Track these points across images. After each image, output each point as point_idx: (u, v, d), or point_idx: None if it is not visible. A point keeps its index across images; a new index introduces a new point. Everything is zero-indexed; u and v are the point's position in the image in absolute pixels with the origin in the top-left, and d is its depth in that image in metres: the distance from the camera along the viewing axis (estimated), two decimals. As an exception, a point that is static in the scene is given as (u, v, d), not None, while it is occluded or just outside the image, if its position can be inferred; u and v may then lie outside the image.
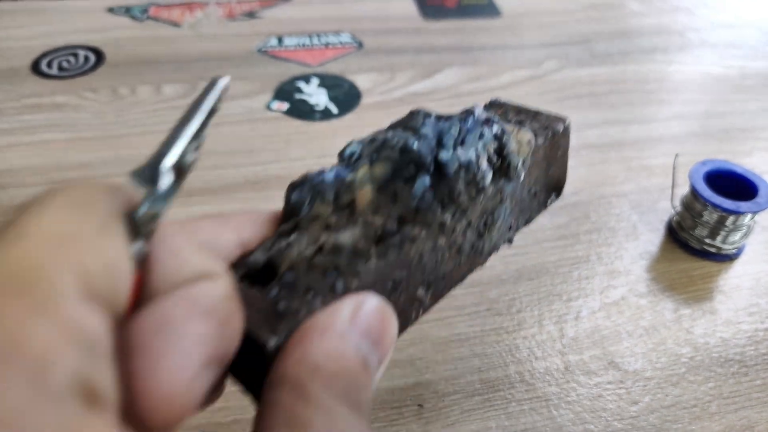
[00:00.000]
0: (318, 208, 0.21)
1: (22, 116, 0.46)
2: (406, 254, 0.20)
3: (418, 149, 0.21)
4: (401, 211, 0.21)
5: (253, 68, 0.53)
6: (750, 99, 0.53)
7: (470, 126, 0.22)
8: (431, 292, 0.22)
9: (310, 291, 0.18)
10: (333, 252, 0.19)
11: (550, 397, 0.29)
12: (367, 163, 0.21)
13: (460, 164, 0.21)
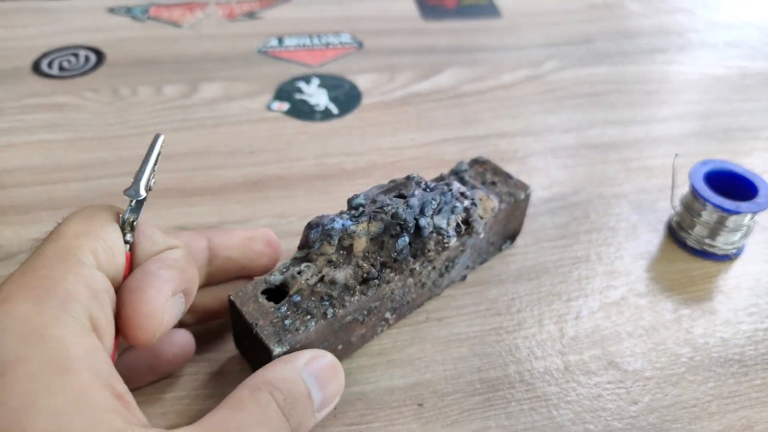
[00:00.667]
0: (325, 247, 0.27)
1: (23, 116, 0.46)
2: (381, 292, 0.28)
3: (404, 217, 0.28)
4: (384, 259, 0.28)
5: (253, 68, 0.53)
6: (750, 99, 0.53)
7: (447, 199, 0.30)
8: (396, 315, 0.31)
9: (308, 314, 0.26)
10: (330, 284, 0.27)
11: (549, 396, 0.29)
12: (366, 219, 0.28)
13: (433, 229, 0.28)
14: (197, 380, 0.29)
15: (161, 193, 0.40)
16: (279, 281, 0.27)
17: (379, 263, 0.28)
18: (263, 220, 0.38)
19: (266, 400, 0.22)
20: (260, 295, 0.27)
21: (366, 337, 0.30)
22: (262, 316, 0.26)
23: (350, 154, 0.44)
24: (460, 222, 0.30)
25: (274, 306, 0.26)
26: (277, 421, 0.22)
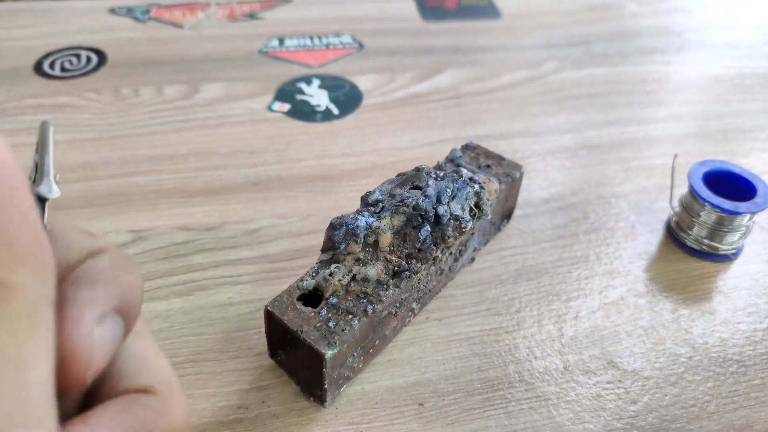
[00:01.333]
0: (352, 246, 0.28)
1: (25, 116, 0.47)
2: (411, 283, 0.29)
3: (425, 207, 0.29)
4: (409, 250, 0.29)
5: (254, 69, 0.54)
6: (748, 99, 0.53)
7: (459, 185, 0.30)
8: (420, 304, 0.32)
9: (349, 314, 0.27)
10: (363, 281, 0.28)
11: (549, 396, 0.29)
12: (389, 214, 0.29)
13: (450, 216, 0.29)
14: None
15: (162, 193, 0.40)
16: (312, 286, 0.27)
17: (404, 255, 0.29)
18: (264, 221, 0.38)
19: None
20: (297, 302, 0.27)
21: (397, 329, 0.31)
22: (305, 322, 0.26)
23: (351, 155, 0.44)
24: (473, 206, 0.31)
25: (313, 311, 0.27)
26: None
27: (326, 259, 0.28)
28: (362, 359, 0.29)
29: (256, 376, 0.29)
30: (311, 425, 0.27)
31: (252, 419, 0.28)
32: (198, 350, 0.30)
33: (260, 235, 0.37)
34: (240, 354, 0.30)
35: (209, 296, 0.33)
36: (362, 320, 0.26)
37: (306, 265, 0.35)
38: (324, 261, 0.28)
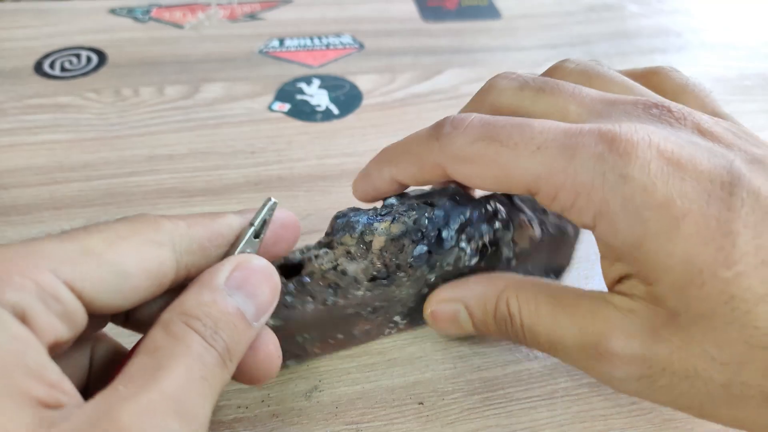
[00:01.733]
0: (346, 238, 0.27)
1: (25, 116, 0.47)
2: (389, 293, 0.28)
3: (426, 225, 0.27)
4: (400, 262, 0.27)
5: (254, 69, 0.54)
6: (749, 100, 0.53)
7: (476, 217, 0.28)
8: (407, 320, 0.31)
9: (310, 296, 0.27)
10: (341, 274, 0.27)
11: (550, 395, 0.29)
12: (390, 219, 0.28)
13: (455, 244, 0.27)
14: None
15: (162, 193, 0.40)
16: (297, 260, 0.28)
17: (394, 265, 0.27)
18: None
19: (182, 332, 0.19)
20: (278, 268, 0.26)
21: (371, 335, 0.31)
22: None
23: (351, 155, 0.44)
24: (487, 243, 0.28)
25: (283, 281, 0.27)
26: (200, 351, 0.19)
27: (323, 243, 0.28)
28: (318, 345, 0.29)
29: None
30: (311, 425, 0.27)
31: (252, 419, 0.28)
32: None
33: (260, 234, 0.37)
34: None
35: (209, 296, 0.33)
36: (318, 307, 0.26)
37: (306, 264, 0.35)
38: (321, 243, 0.28)
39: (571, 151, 0.22)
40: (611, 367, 0.23)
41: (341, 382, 0.29)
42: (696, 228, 0.20)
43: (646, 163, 0.21)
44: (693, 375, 0.21)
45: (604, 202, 0.22)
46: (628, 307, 0.23)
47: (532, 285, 0.26)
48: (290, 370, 0.30)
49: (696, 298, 0.21)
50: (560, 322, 0.24)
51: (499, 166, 0.24)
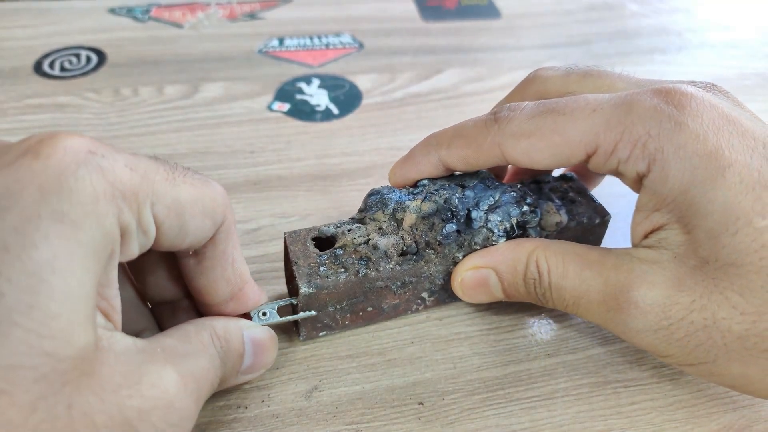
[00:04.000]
0: (378, 214, 0.29)
1: (25, 116, 0.47)
2: (418, 269, 0.29)
3: (456, 205, 0.29)
4: (430, 239, 0.29)
5: (254, 69, 0.54)
6: (748, 100, 0.52)
7: (506, 199, 0.29)
8: (434, 298, 0.32)
9: (343, 267, 0.28)
10: (372, 248, 0.29)
11: (550, 395, 0.29)
12: (421, 198, 0.29)
13: (484, 224, 0.29)
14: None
15: (162, 193, 0.40)
16: (330, 233, 0.30)
17: (423, 242, 0.29)
18: (264, 220, 0.38)
19: (208, 342, 0.23)
20: (310, 241, 0.29)
21: (399, 310, 0.31)
22: (304, 258, 0.29)
23: (351, 154, 0.44)
24: (515, 225, 0.29)
25: (317, 252, 0.29)
26: (215, 363, 0.23)
27: (356, 218, 0.30)
28: (348, 317, 0.30)
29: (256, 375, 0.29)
30: (311, 425, 0.27)
31: (252, 419, 0.28)
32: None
33: (260, 234, 0.37)
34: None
35: (209, 296, 0.33)
36: (349, 278, 0.28)
37: (306, 264, 0.35)
38: (354, 219, 0.30)
39: (627, 107, 0.24)
40: (630, 318, 0.24)
41: (341, 382, 0.29)
42: (739, 178, 0.22)
43: (699, 113, 0.23)
44: (711, 325, 0.22)
45: (659, 149, 0.23)
46: (653, 259, 0.24)
47: (560, 245, 0.27)
48: (290, 371, 0.30)
49: (728, 245, 0.22)
50: (586, 277, 0.25)
51: (557, 133, 0.25)
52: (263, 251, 0.36)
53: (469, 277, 0.29)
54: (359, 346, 0.31)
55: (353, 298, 0.29)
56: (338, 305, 0.29)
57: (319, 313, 0.29)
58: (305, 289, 0.28)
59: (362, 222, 0.30)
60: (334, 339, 0.31)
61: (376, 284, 0.29)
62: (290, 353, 0.30)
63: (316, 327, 0.30)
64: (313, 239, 0.30)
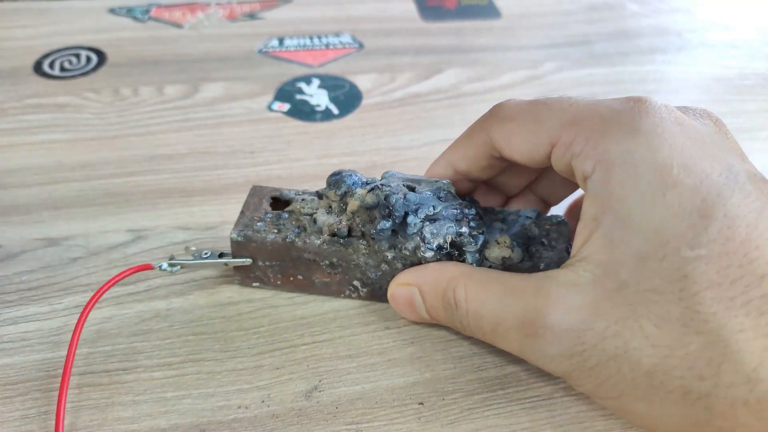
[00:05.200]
0: (331, 193, 0.30)
1: (24, 116, 0.47)
2: (346, 254, 0.30)
3: (393, 204, 0.28)
4: (366, 230, 0.29)
5: (254, 69, 0.54)
6: (748, 99, 0.53)
7: (447, 214, 0.29)
8: (367, 290, 0.32)
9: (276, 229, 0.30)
10: (312, 221, 0.30)
11: (550, 395, 0.29)
12: (368, 189, 0.29)
13: (418, 231, 0.28)
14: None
15: (162, 193, 0.40)
16: (288, 197, 0.32)
17: (360, 231, 0.30)
18: (264, 220, 0.38)
19: None
20: (268, 198, 0.32)
21: (332, 289, 0.32)
22: (252, 210, 0.32)
23: (351, 154, 0.44)
24: (448, 243, 0.28)
25: (267, 209, 0.31)
26: None
27: (318, 192, 0.31)
28: (279, 278, 0.32)
29: (256, 376, 0.29)
30: (311, 425, 0.27)
31: (251, 419, 0.28)
32: (198, 350, 0.30)
33: (260, 234, 0.37)
34: (240, 354, 0.30)
35: (209, 296, 0.33)
36: (277, 240, 0.30)
37: (306, 264, 0.35)
38: (317, 192, 0.32)
39: (595, 106, 0.24)
40: (546, 343, 0.23)
41: (341, 382, 0.29)
42: (680, 200, 0.21)
43: (660, 125, 0.22)
44: (622, 355, 0.21)
45: (607, 150, 0.23)
46: (572, 281, 0.23)
47: (483, 273, 0.27)
48: (290, 371, 0.30)
49: (652, 270, 0.21)
50: (506, 304, 0.25)
51: (535, 120, 0.26)
52: (263, 251, 0.36)
53: (398, 292, 0.29)
54: (359, 346, 0.31)
55: (282, 261, 0.31)
56: (268, 262, 0.31)
57: (252, 265, 0.31)
58: (233, 236, 0.30)
59: (320, 197, 0.31)
60: (334, 340, 0.31)
61: (304, 255, 0.30)
62: (290, 353, 0.30)
63: (249, 276, 0.33)
64: (272, 197, 0.32)
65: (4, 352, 0.30)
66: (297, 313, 0.32)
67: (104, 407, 0.28)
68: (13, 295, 0.33)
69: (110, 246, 0.36)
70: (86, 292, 0.33)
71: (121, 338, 0.31)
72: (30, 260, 0.35)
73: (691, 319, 0.20)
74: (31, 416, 0.27)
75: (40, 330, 0.31)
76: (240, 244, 0.31)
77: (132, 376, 0.29)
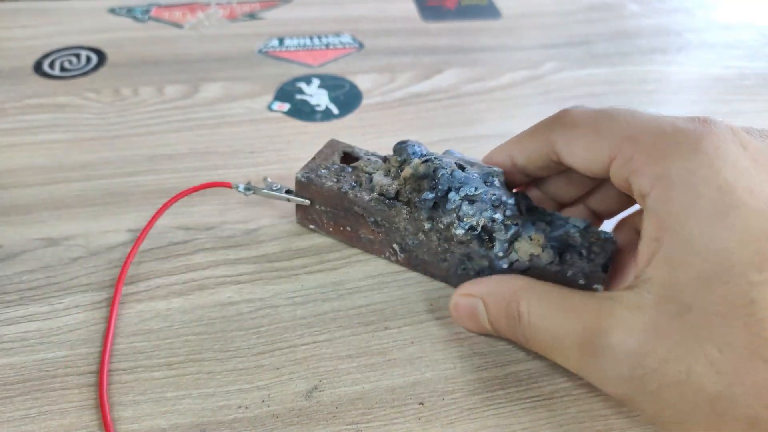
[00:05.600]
0: (393, 159, 0.33)
1: (25, 116, 0.47)
2: (389, 215, 0.32)
3: (438, 177, 0.30)
4: (411, 197, 0.31)
5: (254, 69, 0.54)
6: (748, 100, 0.53)
7: (485, 198, 0.30)
8: (405, 255, 0.34)
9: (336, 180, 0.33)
10: (369, 179, 0.33)
11: (550, 395, 0.29)
12: (423, 160, 0.31)
13: (456, 207, 0.30)
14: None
15: (162, 193, 0.40)
16: (357, 155, 0.35)
17: (406, 196, 0.31)
18: (264, 220, 0.38)
19: None
20: (339, 152, 0.35)
21: (374, 247, 0.35)
22: (322, 159, 0.35)
23: (351, 155, 0.44)
24: (481, 225, 0.29)
25: (335, 162, 0.34)
26: None
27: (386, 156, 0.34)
28: (332, 224, 0.35)
29: (256, 376, 0.29)
30: (311, 425, 0.27)
31: (251, 419, 0.28)
32: (198, 350, 0.30)
33: (260, 234, 0.37)
34: (240, 354, 0.30)
35: (209, 296, 0.33)
36: (332, 188, 0.33)
37: (306, 264, 0.35)
38: (385, 157, 0.34)
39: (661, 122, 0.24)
40: (605, 364, 0.23)
41: (341, 382, 0.29)
42: (744, 223, 0.20)
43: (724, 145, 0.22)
44: (684, 380, 0.21)
45: (667, 169, 0.22)
46: (634, 303, 0.22)
47: (545, 288, 0.27)
48: (290, 371, 0.30)
49: (716, 293, 0.20)
50: (566, 321, 0.25)
51: (597, 130, 0.26)
52: (263, 251, 0.36)
53: (461, 302, 0.29)
54: (359, 346, 0.31)
55: (335, 208, 0.34)
56: (323, 207, 0.34)
57: (310, 207, 0.35)
58: (298, 175, 0.34)
59: (384, 160, 0.33)
60: (334, 340, 0.31)
61: (353, 208, 0.33)
62: (290, 353, 0.30)
63: (307, 218, 0.36)
64: (343, 152, 0.35)
65: (4, 352, 0.30)
66: (297, 313, 0.32)
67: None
68: (13, 295, 0.33)
69: (110, 246, 0.36)
70: (86, 292, 0.33)
71: (121, 338, 0.31)
72: (30, 260, 0.35)
73: (758, 345, 0.20)
74: (31, 416, 0.27)
75: (40, 330, 0.31)
76: (302, 185, 0.34)
77: (132, 376, 0.29)
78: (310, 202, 0.34)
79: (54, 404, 0.28)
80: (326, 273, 0.35)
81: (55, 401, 0.28)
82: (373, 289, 0.34)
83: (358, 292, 0.34)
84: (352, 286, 0.34)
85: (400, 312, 0.33)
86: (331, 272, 0.35)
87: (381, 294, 0.34)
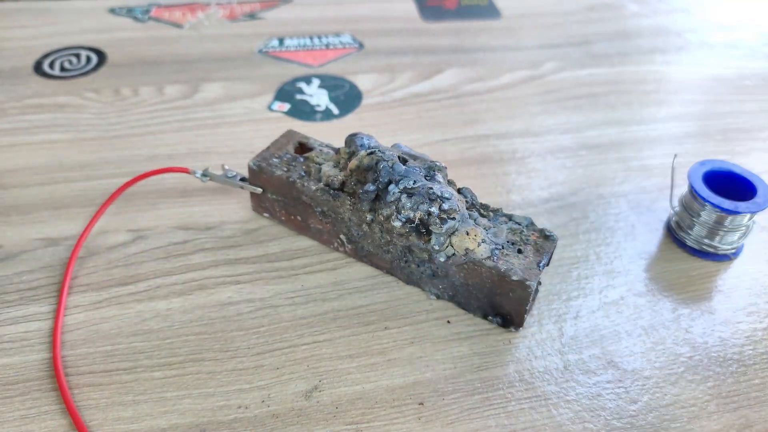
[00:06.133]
0: (343, 150, 0.33)
1: (25, 116, 0.47)
2: (334, 206, 0.33)
3: (381, 170, 0.31)
4: (355, 189, 0.32)
5: (254, 69, 0.54)
6: (748, 100, 0.53)
7: (423, 191, 0.30)
8: (352, 246, 0.34)
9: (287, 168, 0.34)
10: (318, 169, 0.34)
11: (549, 396, 0.29)
12: (370, 153, 0.31)
13: (395, 200, 0.30)
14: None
15: (162, 193, 0.40)
16: (312, 146, 0.36)
17: (351, 188, 0.32)
18: (263, 220, 0.38)
19: None
20: (296, 142, 0.36)
21: (323, 237, 0.35)
22: (277, 148, 0.36)
23: (351, 155, 0.44)
24: (417, 218, 0.30)
25: (289, 151, 0.36)
26: None
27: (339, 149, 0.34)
28: (284, 213, 0.36)
29: (256, 376, 0.29)
30: (311, 425, 0.27)
31: (251, 419, 0.28)
32: (198, 350, 0.30)
33: (259, 234, 0.37)
34: (240, 354, 0.30)
35: (209, 295, 0.33)
36: (282, 177, 0.34)
37: (306, 264, 0.35)
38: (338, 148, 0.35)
39: None
40: None
41: (341, 382, 0.29)
42: None
43: None
44: None
45: None
46: None
47: None
48: (290, 371, 0.30)
49: None
50: None
51: None
52: (263, 251, 0.36)
53: None
54: (359, 346, 0.31)
55: (285, 198, 0.34)
56: (274, 196, 0.35)
57: (263, 195, 0.36)
58: (250, 163, 0.35)
59: (336, 152, 0.34)
60: (334, 340, 0.31)
61: (301, 197, 0.34)
62: (290, 353, 0.30)
63: (261, 206, 0.37)
64: (299, 142, 0.36)
65: (4, 352, 0.30)
66: (297, 313, 0.32)
67: (104, 407, 0.28)
68: (13, 295, 0.33)
69: (110, 246, 0.36)
70: (86, 292, 0.33)
71: (121, 338, 0.31)
72: (30, 260, 0.35)
73: None
74: (31, 416, 0.27)
75: (40, 330, 0.31)
76: (254, 173, 0.35)
77: (132, 376, 0.29)
78: (262, 191, 0.35)
79: (53, 404, 0.28)
80: (326, 273, 0.35)
81: (55, 401, 0.28)
82: (373, 289, 0.34)
83: (358, 292, 0.34)
84: (352, 286, 0.34)
85: (400, 312, 0.33)
86: (331, 272, 0.35)
87: (381, 294, 0.34)
